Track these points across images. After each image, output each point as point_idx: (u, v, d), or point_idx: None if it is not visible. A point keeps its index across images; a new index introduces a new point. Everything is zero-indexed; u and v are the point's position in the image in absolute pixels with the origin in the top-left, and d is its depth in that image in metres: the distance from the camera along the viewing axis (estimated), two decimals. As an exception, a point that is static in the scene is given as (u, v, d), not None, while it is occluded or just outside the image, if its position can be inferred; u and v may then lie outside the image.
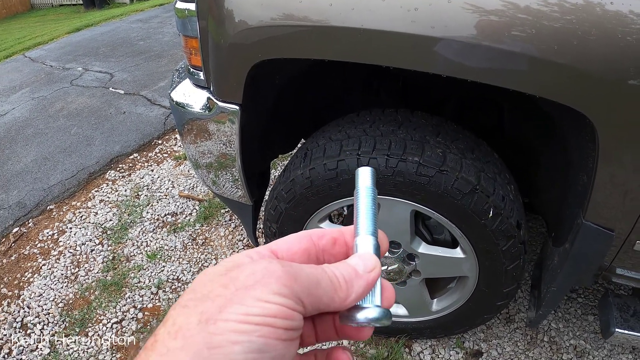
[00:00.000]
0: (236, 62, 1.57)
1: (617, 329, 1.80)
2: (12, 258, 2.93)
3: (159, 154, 3.81)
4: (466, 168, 1.58)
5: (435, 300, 2.08)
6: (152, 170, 3.59)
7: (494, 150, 1.81)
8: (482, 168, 1.62)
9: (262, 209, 2.28)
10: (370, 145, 1.61)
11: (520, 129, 2.04)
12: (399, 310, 2.14)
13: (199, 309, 0.40)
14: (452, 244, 1.86)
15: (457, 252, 1.79)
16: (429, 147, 1.59)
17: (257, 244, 2.26)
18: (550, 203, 1.93)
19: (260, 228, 2.67)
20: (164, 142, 3.98)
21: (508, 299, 1.89)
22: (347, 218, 2.02)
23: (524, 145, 2.04)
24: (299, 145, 2.43)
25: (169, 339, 0.39)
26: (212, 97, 1.73)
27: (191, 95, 1.83)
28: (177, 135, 4.01)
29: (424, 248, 1.83)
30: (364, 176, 0.54)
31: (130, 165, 3.73)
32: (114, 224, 3.06)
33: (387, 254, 1.86)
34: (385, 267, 1.87)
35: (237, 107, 1.68)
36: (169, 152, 3.83)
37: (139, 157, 3.81)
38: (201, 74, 1.73)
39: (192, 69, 1.78)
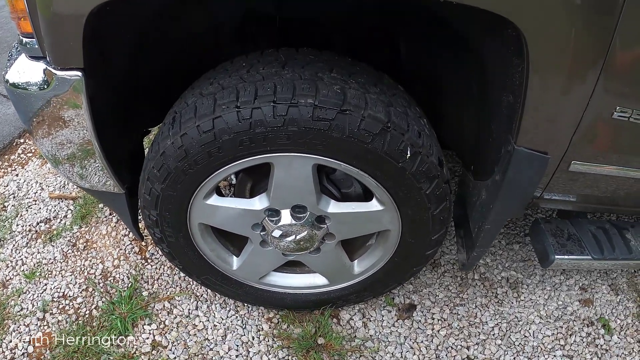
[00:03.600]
0: (67, 12, 1.26)
1: (556, 256, 1.76)
2: None
3: (22, 155, 3.38)
4: (372, 104, 1.34)
5: (355, 262, 1.89)
6: (17, 175, 3.18)
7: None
8: (390, 102, 1.40)
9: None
10: (251, 92, 1.33)
11: (419, 58, 1.85)
12: (317, 280, 1.95)
13: None
14: (365, 196, 1.65)
15: (374, 205, 1.58)
16: (324, 85, 1.34)
17: (141, 237, 1.95)
18: (466, 134, 1.78)
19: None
20: (27, 140, 3.55)
21: (437, 246, 1.74)
22: (237, 187, 1.74)
23: (426, 77, 1.85)
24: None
25: None
26: (49, 68, 1.41)
27: (27, 71, 1.49)
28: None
29: (333, 207, 1.60)
30: None
31: (-9, 174, 3.27)
32: (-18, 246, 2.64)
33: (292, 220, 1.62)
34: (293, 236, 1.62)
35: (80, 74, 1.36)
36: (33, 151, 3.41)
37: (0, 164, 3.36)
38: (35, 40, 1.41)
39: (24, 39, 1.45)
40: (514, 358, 1.98)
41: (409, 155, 1.37)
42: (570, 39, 1.12)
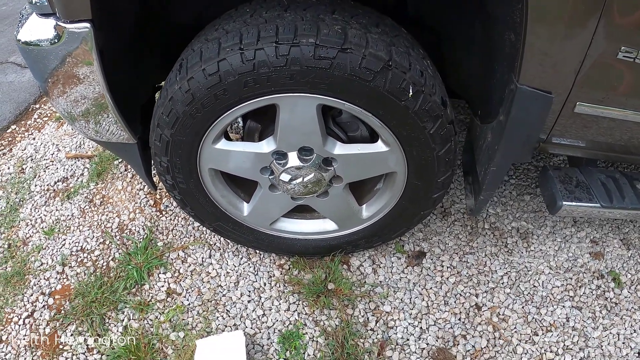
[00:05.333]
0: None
1: (564, 202, 1.75)
2: None
3: (38, 120, 3.42)
4: (373, 43, 1.35)
5: (364, 206, 1.91)
6: (34, 139, 3.23)
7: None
8: (392, 42, 1.40)
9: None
10: (254, 35, 1.35)
11: (423, 2, 1.82)
12: (326, 225, 1.97)
13: None
14: (372, 138, 1.65)
15: (379, 146, 1.59)
16: (325, 26, 1.35)
17: (154, 187, 1.98)
18: (472, 77, 1.77)
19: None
20: (42, 106, 3.60)
21: (444, 189, 1.74)
22: (247, 134, 1.76)
23: (430, 20, 1.83)
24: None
25: None
26: (59, 23, 1.41)
27: (38, 29, 1.50)
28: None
29: (340, 148, 1.62)
30: None
31: (10, 139, 3.33)
32: (3, 207, 2.71)
33: (299, 163, 1.64)
34: (301, 178, 1.65)
35: (89, 26, 1.37)
36: (48, 115, 3.45)
37: (17, 129, 3.42)
38: None
39: None
40: (523, 307, 1.99)
41: (411, 93, 1.38)
42: None
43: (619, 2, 1.16)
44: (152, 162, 1.76)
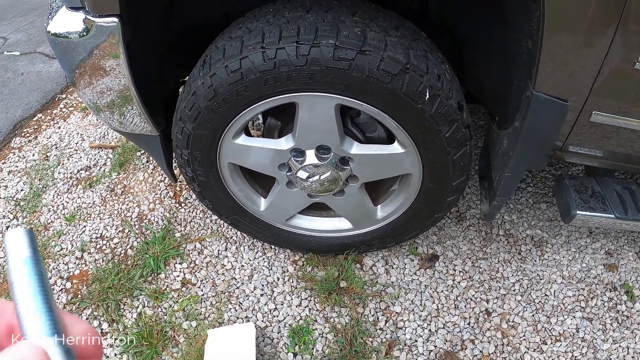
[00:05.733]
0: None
1: (578, 212, 1.73)
2: None
3: (64, 109, 3.49)
4: (392, 46, 1.37)
5: (379, 206, 1.92)
6: (59, 128, 3.30)
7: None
8: (410, 45, 1.42)
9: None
10: (276, 34, 1.38)
11: (446, 7, 1.84)
12: (341, 224, 1.99)
13: None
14: (389, 140, 1.67)
15: (396, 148, 1.61)
16: (345, 28, 1.37)
17: (174, 179, 2.03)
18: (490, 83, 1.78)
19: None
20: (68, 96, 3.67)
21: (458, 194, 1.75)
22: (266, 131, 1.79)
23: (452, 25, 1.84)
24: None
25: None
26: (88, 17, 1.46)
27: (67, 21, 1.55)
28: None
29: (357, 148, 1.64)
30: (17, 245, 0.36)
31: (36, 127, 3.41)
32: (26, 193, 2.78)
33: (317, 161, 1.66)
34: (318, 176, 1.67)
35: (117, 20, 1.41)
36: (74, 105, 3.52)
37: (43, 117, 3.50)
38: None
39: None
40: (533, 315, 1.99)
41: (427, 96, 1.39)
42: None
43: (637, 11, 1.16)
44: (174, 154, 1.80)
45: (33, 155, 3.08)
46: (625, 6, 1.13)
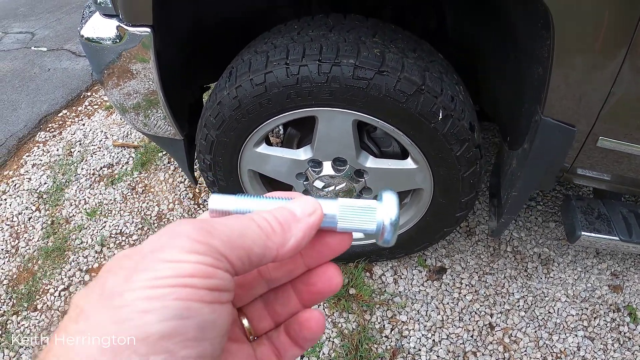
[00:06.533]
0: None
1: (583, 233, 1.76)
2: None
3: (88, 107, 3.58)
4: (408, 67, 1.43)
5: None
6: (84, 125, 3.38)
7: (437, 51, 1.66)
8: (427, 67, 1.48)
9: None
10: (299, 52, 1.45)
11: (463, 28, 1.90)
12: (354, 234, 2.01)
13: (100, 286, 0.34)
14: (402, 155, 1.73)
15: (409, 163, 1.67)
16: (365, 48, 1.44)
17: (195, 182, 2.10)
18: (503, 104, 1.82)
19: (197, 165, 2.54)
20: (93, 94, 3.75)
21: (467, 210, 1.80)
22: (286, 140, 1.86)
23: (469, 46, 1.90)
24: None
25: (71, 324, 0.33)
26: (122, 25, 1.54)
27: (101, 27, 1.63)
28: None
29: (371, 162, 1.71)
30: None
31: (60, 123, 3.50)
32: (49, 186, 2.86)
33: (333, 172, 1.73)
34: (333, 186, 1.74)
35: (149, 30, 1.49)
36: (99, 103, 3.60)
37: (68, 114, 3.58)
38: (108, 0, 1.54)
39: None
40: (535, 331, 2.02)
41: (440, 117, 1.45)
42: (594, 16, 1.15)
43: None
44: (196, 158, 1.87)
45: (57, 150, 3.15)
46: (633, 40, 1.17)
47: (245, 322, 0.48)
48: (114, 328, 0.31)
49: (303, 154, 1.72)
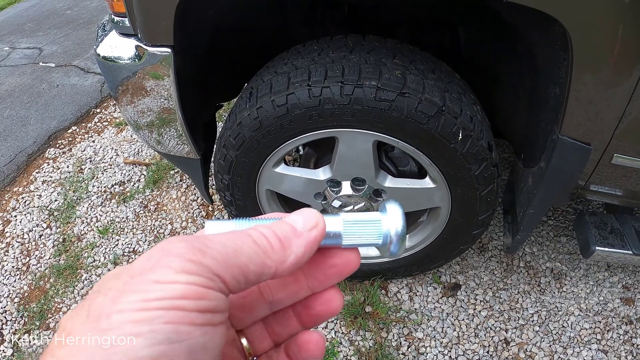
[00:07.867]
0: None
1: (597, 247, 1.77)
2: (-45, 257, 2.70)
3: (98, 124, 3.59)
4: (429, 89, 1.45)
5: (407, 236, 1.96)
6: (94, 141, 3.39)
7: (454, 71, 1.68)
8: (446, 88, 1.50)
9: (212, 162, 2.10)
10: (321, 73, 1.46)
11: (477, 47, 1.92)
12: (369, 251, 2.04)
13: (87, 307, 0.33)
14: (420, 174, 1.75)
15: (427, 182, 1.68)
16: (387, 70, 1.46)
17: (211, 201, 2.11)
18: (518, 122, 1.84)
19: (213, 184, 2.53)
20: (102, 110, 3.76)
21: (484, 227, 1.81)
22: (303, 160, 1.88)
23: (483, 65, 1.91)
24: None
25: (57, 349, 0.32)
26: (141, 45, 1.55)
27: (118, 46, 1.64)
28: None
29: (390, 182, 1.72)
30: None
31: (70, 139, 3.50)
32: (60, 203, 2.87)
33: (351, 191, 1.74)
34: (352, 206, 1.75)
35: (169, 50, 1.50)
36: (108, 120, 3.61)
37: (78, 130, 3.59)
38: (126, 20, 1.54)
39: (116, 18, 1.58)
40: (550, 345, 2.02)
41: (460, 137, 1.47)
42: (612, 37, 1.17)
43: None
44: (214, 178, 1.88)
45: (67, 167, 3.16)
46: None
47: (244, 341, 0.47)
48: (101, 354, 0.30)
49: (322, 174, 1.74)
